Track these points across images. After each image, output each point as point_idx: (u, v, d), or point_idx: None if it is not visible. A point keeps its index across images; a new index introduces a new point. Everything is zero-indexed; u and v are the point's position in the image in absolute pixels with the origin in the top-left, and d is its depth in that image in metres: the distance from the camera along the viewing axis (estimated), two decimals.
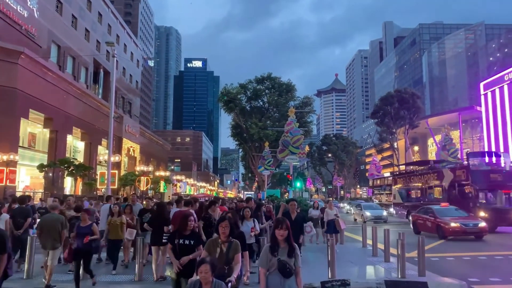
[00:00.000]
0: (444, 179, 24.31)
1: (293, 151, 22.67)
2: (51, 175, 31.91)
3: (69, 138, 37.81)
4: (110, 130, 22.56)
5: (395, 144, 55.34)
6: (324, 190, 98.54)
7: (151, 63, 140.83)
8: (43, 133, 34.97)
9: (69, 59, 42.78)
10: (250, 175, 76.53)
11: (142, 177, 37.93)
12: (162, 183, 44.87)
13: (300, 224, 8.83)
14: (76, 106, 37.52)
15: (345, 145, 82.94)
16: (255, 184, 66.44)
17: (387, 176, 45.77)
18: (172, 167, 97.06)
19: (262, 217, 10.05)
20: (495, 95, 51.29)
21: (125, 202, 12.53)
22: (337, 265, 8.72)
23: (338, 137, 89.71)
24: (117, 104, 55.83)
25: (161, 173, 54.15)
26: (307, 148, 31.99)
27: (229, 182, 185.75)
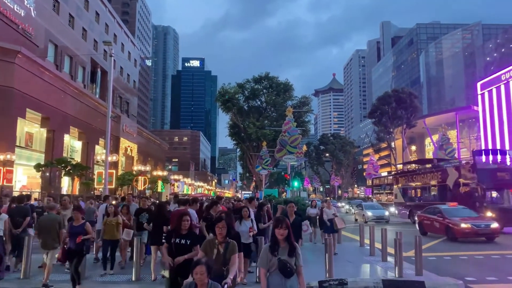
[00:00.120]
0: (448, 178, 23.49)
1: (290, 150, 22.71)
2: (48, 174, 31.81)
3: (66, 137, 37.69)
4: (107, 129, 22.52)
5: (393, 143, 55.50)
6: (321, 189, 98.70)
7: (149, 63, 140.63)
8: (40, 133, 34.86)
9: (66, 58, 42.66)
10: (247, 175, 76.65)
11: (139, 177, 37.90)
12: (159, 182, 44.83)
13: (298, 228, 8.38)
14: (73, 105, 37.41)
15: (343, 145, 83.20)
16: (253, 183, 66.52)
17: (387, 175, 45.46)
18: (169, 167, 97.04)
19: (265, 216, 10.02)
20: (492, 95, 51.47)
21: (123, 201, 12.50)
22: (334, 265, 8.69)
23: (335, 136, 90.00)
24: (115, 103, 55.72)
25: (159, 172, 54.23)
26: (304, 147, 31.96)
27: (226, 181, 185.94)
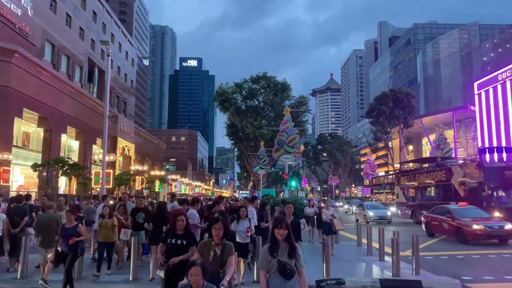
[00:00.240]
0: (453, 176, 22.64)
1: (288, 150, 22.76)
2: (45, 174, 31.73)
3: (64, 137, 37.59)
4: (104, 129, 22.45)
5: (390, 143, 55.67)
6: (319, 189, 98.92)
7: (146, 62, 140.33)
8: (37, 132, 34.75)
9: (64, 58, 42.53)
10: (245, 174, 76.63)
11: (137, 177, 37.78)
12: (157, 182, 44.71)
13: (296, 229, 8.02)
14: (70, 105, 37.30)
15: (340, 145, 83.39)
16: (251, 183, 66.59)
17: (387, 174, 45.26)
18: (167, 167, 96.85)
19: (268, 215, 10.04)
20: (488, 94, 51.63)
21: (120, 201, 12.50)
22: (332, 264, 8.67)
23: (333, 136, 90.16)
24: (112, 103, 55.64)
25: (156, 172, 54.14)
26: (302, 147, 32.06)
27: (224, 181, 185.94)
